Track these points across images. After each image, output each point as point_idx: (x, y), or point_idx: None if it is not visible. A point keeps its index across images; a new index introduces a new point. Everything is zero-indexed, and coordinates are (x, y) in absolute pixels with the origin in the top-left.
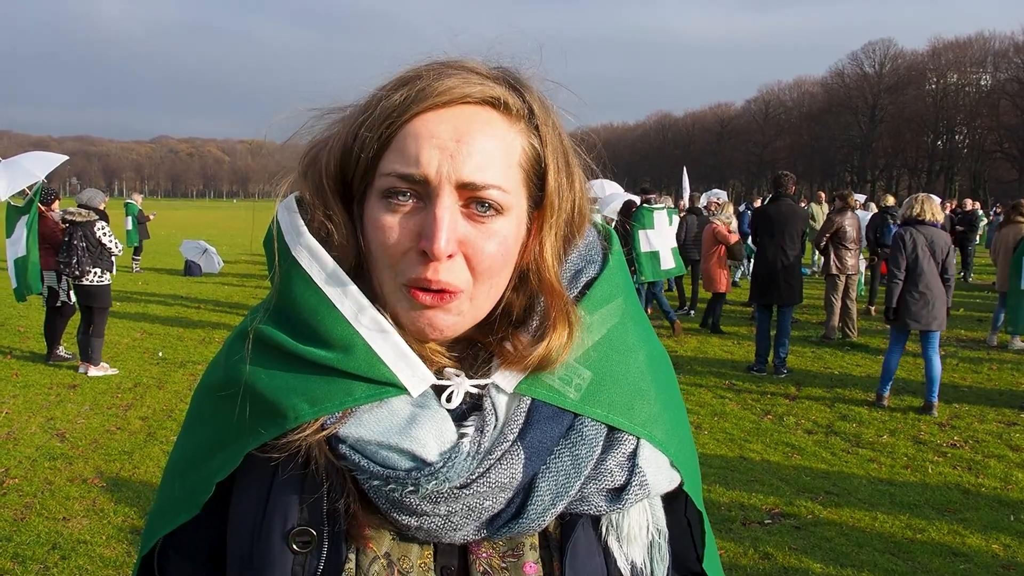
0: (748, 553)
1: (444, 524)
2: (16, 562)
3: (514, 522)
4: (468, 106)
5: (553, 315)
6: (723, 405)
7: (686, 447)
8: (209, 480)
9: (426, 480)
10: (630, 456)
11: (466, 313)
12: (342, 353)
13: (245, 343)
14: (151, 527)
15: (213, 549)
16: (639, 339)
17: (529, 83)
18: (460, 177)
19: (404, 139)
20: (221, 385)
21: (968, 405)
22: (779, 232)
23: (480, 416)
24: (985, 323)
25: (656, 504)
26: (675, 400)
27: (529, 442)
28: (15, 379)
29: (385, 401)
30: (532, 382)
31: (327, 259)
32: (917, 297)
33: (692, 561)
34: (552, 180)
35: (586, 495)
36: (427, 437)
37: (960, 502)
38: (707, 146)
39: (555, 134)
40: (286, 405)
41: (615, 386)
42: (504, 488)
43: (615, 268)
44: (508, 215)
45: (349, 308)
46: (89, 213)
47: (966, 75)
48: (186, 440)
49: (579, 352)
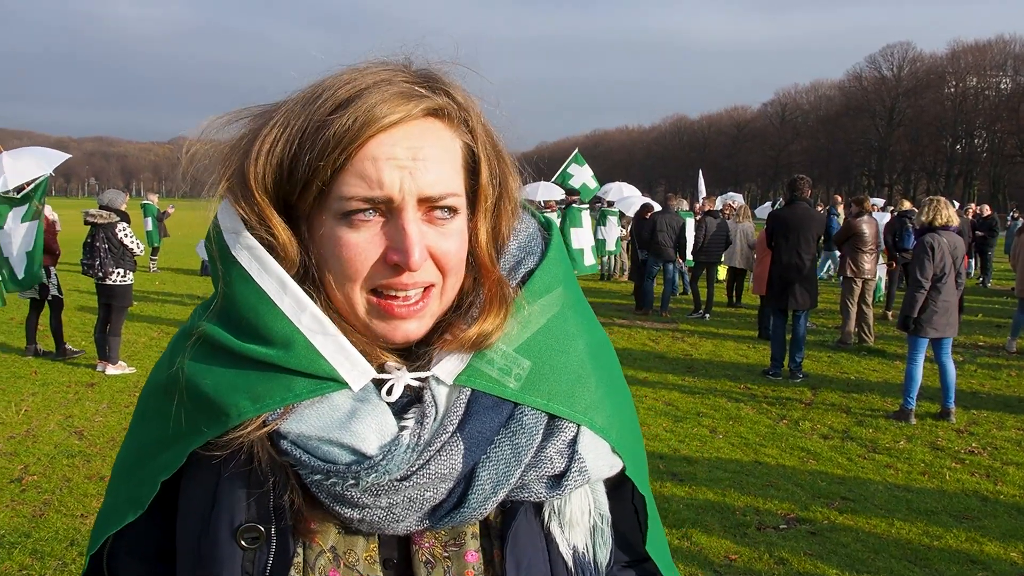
0: (763, 558)
1: (386, 516)
2: (35, 558)
3: (455, 512)
4: (415, 121)
5: (486, 293)
6: (738, 409)
7: (628, 433)
8: (154, 479)
9: (366, 473)
10: (570, 443)
11: (435, 312)
12: (282, 350)
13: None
14: (99, 527)
15: (162, 548)
16: (580, 327)
17: (449, 79)
18: (421, 192)
19: (362, 163)
20: (165, 384)
21: (987, 411)
22: (794, 236)
23: (420, 408)
24: (1004, 329)
25: (599, 489)
26: (618, 386)
27: (469, 432)
28: (34, 377)
29: (326, 396)
30: (472, 373)
31: (267, 258)
32: (939, 305)
33: (640, 546)
34: (485, 171)
35: (527, 483)
36: (367, 431)
37: (978, 509)
38: (723, 149)
39: (481, 125)
40: (228, 403)
41: (555, 374)
42: (444, 479)
43: (554, 258)
44: (460, 214)
45: (289, 305)
46: (111, 215)
47: (986, 78)
48: (132, 439)
49: (519, 342)
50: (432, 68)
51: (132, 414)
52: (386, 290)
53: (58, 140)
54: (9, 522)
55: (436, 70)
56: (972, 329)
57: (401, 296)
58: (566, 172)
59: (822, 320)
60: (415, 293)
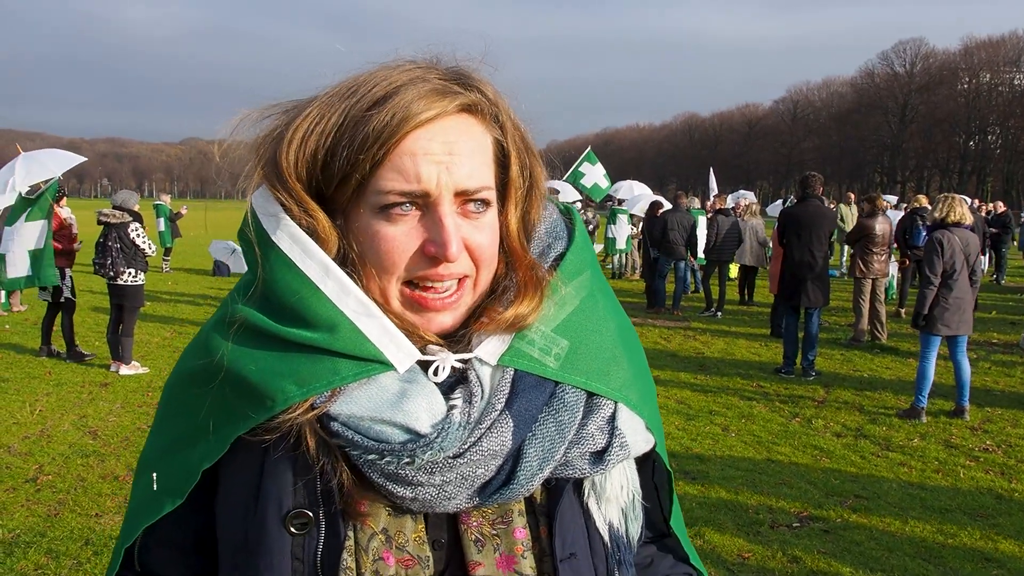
0: (776, 556)
1: (438, 494)
2: (50, 557)
3: (504, 488)
4: (450, 116)
5: (520, 277)
6: (751, 407)
7: (654, 411)
8: (195, 467)
9: (421, 451)
10: (609, 419)
11: (469, 303)
12: (327, 333)
13: (227, 329)
14: (132, 519)
15: (199, 539)
16: (608, 309)
17: (481, 78)
18: (457, 185)
19: (400, 158)
20: (201, 372)
21: (1001, 409)
22: (806, 234)
23: (467, 388)
24: (1018, 326)
25: (632, 466)
26: (643, 367)
27: (516, 411)
28: (48, 377)
29: (373, 378)
30: (514, 353)
31: (309, 242)
32: (951, 303)
33: (661, 522)
34: (515, 163)
35: (570, 459)
36: (419, 410)
37: (992, 507)
38: (734, 147)
39: (510, 120)
40: (274, 388)
41: (591, 354)
42: (495, 455)
43: (581, 242)
44: (493, 206)
45: (332, 289)
46: (123, 215)
47: (999, 74)
48: (163, 429)
49: (556, 322)
50: (461, 66)
51: (144, 414)
52: (422, 282)
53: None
54: (24, 521)
55: (465, 68)
56: (986, 326)
57: (436, 287)
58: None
59: (835, 318)
60: (450, 284)
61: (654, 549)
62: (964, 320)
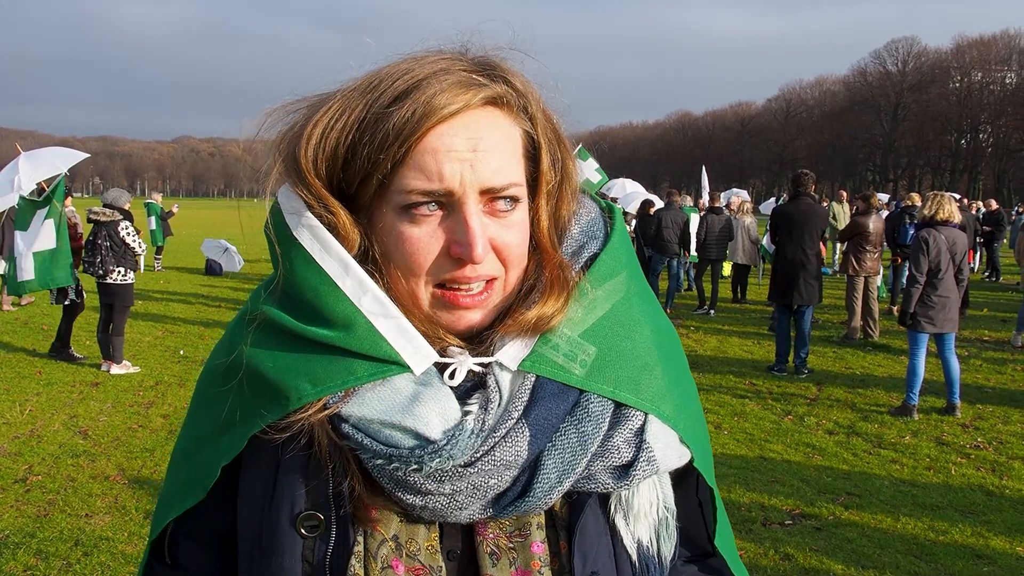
0: (769, 554)
1: (449, 503)
2: (39, 558)
3: (520, 501)
4: (474, 110)
5: (547, 276)
6: (743, 405)
7: (696, 423)
8: (215, 463)
9: (429, 458)
10: (637, 432)
11: (497, 303)
12: (343, 331)
13: (248, 326)
14: (160, 513)
15: (224, 534)
16: (644, 314)
17: (507, 66)
18: (482, 184)
19: (421, 156)
20: (224, 369)
21: (992, 406)
22: (798, 232)
23: (484, 394)
24: (1009, 324)
25: (665, 481)
26: (683, 375)
27: (534, 419)
28: (38, 377)
29: (388, 380)
30: (536, 359)
31: (329, 239)
32: (936, 301)
33: (704, 540)
34: (546, 157)
35: (593, 472)
36: (430, 415)
37: (984, 504)
38: (727, 145)
39: (541, 112)
40: (289, 386)
41: (621, 361)
42: (509, 466)
43: (618, 243)
44: (522, 204)
45: (351, 286)
46: (113, 213)
47: (991, 73)
48: (191, 425)
49: (584, 327)
50: (489, 55)
51: (136, 413)
52: (450, 283)
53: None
54: (14, 522)
55: (494, 57)
56: (977, 324)
57: (464, 288)
58: None
59: (827, 315)
60: (477, 286)
61: (695, 569)
62: (949, 318)
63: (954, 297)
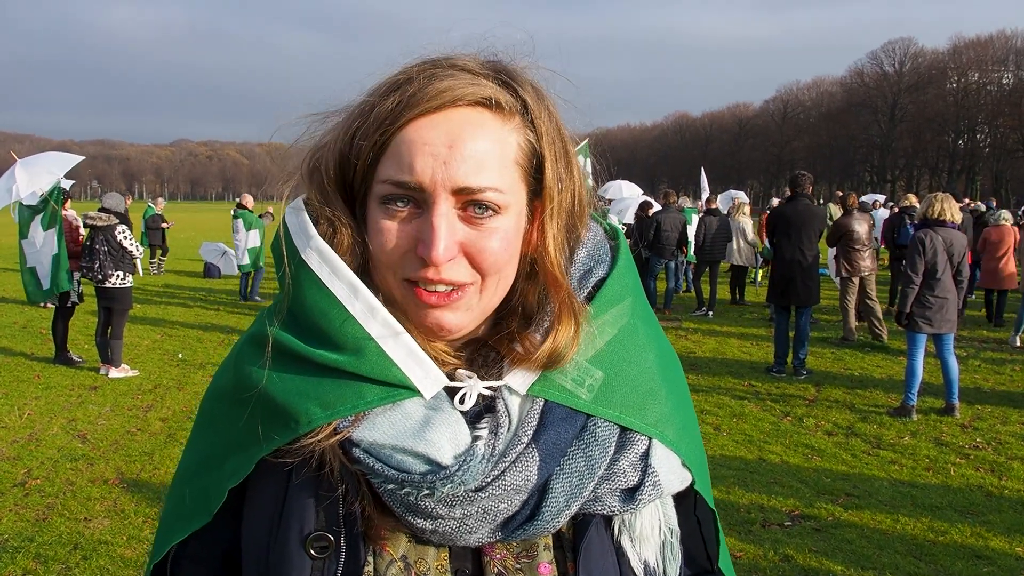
0: (768, 555)
1: (459, 527)
2: (38, 562)
3: (529, 524)
4: (460, 108)
5: (557, 307)
6: (742, 407)
7: (696, 447)
8: (221, 486)
9: (441, 483)
10: (643, 456)
11: (475, 308)
12: (353, 356)
13: (258, 347)
14: (162, 535)
15: (227, 556)
16: (649, 339)
17: (523, 74)
18: (455, 183)
19: (399, 146)
20: (231, 390)
21: (991, 407)
22: (796, 233)
23: (493, 418)
24: (1008, 324)
25: (668, 503)
26: (685, 400)
27: (543, 444)
28: (37, 381)
29: (398, 404)
30: (545, 383)
31: (337, 261)
32: (932, 302)
33: (703, 560)
34: (550, 171)
35: (599, 495)
36: (441, 440)
37: (983, 504)
38: (725, 146)
39: (551, 124)
40: (299, 410)
41: (627, 386)
42: (519, 490)
43: (624, 268)
44: (507, 212)
45: (360, 310)
46: (110, 217)
47: (988, 73)
48: (196, 445)
49: (591, 352)
50: (504, 61)
51: (134, 417)
52: (415, 282)
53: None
54: (12, 526)
55: (510, 64)
56: (976, 324)
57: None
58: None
59: (826, 316)
60: (444, 288)
61: None
62: (947, 319)
63: (952, 298)
